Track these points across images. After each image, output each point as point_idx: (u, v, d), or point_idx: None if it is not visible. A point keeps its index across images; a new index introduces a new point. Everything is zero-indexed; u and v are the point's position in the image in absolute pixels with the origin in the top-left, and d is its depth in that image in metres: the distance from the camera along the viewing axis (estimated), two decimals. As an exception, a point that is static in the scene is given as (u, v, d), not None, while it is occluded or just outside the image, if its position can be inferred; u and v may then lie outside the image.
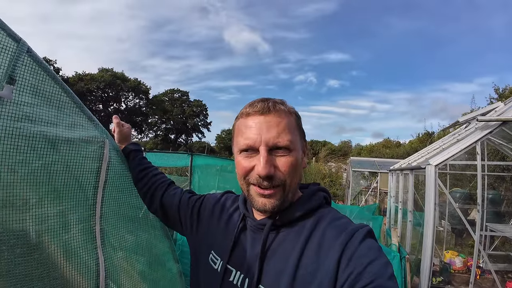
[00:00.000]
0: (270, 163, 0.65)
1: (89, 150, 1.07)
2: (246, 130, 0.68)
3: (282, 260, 0.65)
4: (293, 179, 0.67)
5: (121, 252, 1.23)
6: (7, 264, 0.85)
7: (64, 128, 1.00)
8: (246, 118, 0.69)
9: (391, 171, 6.39)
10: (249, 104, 0.70)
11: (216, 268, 0.75)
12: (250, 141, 0.66)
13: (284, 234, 0.69)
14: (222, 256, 0.75)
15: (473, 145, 3.10)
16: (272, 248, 0.68)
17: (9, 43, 0.82)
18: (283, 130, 0.66)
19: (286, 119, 0.68)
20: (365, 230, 0.63)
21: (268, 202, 0.67)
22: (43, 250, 0.94)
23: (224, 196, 0.90)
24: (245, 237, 0.74)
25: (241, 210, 0.79)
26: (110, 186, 1.15)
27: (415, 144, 15.41)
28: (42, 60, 0.93)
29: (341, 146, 33.34)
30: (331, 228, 0.65)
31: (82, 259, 1.04)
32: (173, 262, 1.52)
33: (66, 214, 1.03)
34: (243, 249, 0.73)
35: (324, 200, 0.74)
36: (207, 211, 0.88)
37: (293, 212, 0.69)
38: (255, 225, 0.73)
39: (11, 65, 0.83)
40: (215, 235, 0.81)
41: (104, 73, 30.87)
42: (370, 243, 0.61)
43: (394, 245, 3.16)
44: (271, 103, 0.68)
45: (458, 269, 4.53)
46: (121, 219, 1.23)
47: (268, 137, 0.65)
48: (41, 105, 0.94)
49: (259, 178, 0.65)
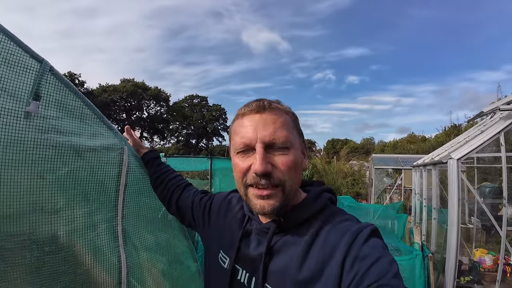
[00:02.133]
0: (267, 160, 0.63)
1: (110, 156, 1.16)
2: (242, 129, 0.66)
3: (286, 260, 0.65)
4: (293, 180, 0.66)
5: (142, 251, 1.31)
6: (36, 261, 0.95)
7: (86, 137, 1.10)
8: (242, 118, 0.68)
9: (415, 167, 6.17)
10: (244, 105, 0.69)
11: (225, 267, 0.76)
12: (246, 139, 0.65)
13: (289, 235, 0.69)
14: (229, 256, 0.76)
15: (496, 136, 2.95)
16: (277, 248, 0.68)
17: (33, 63, 0.93)
18: (280, 127, 0.65)
19: (282, 117, 0.67)
20: (369, 230, 0.62)
21: (267, 204, 0.64)
22: (69, 248, 1.03)
23: (230, 195, 0.91)
24: (251, 237, 0.75)
25: (246, 211, 0.79)
26: (130, 189, 1.24)
27: (441, 138, 14.74)
28: (64, 77, 1.03)
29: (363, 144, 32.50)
30: (336, 229, 0.64)
31: (105, 257, 1.13)
32: (192, 260, 1.59)
33: (91, 216, 1.12)
34: (249, 249, 0.73)
35: (329, 201, 0.73)
36: (215, 211, 0.90)
37: (298, 215, 0.69)
38: (259, 228, 0.73)
39: (36, 83, 0.93)
40: (222, 234, 0.83)
41: (125, 83, 32.24)
42: (374, 242, 0.60)
43: (417, 243, 3.06)
44: (266, 102, 0.67)
45: (488, 268, 4.30)
46: (141, 219, 1.32)
47: (264, 134, 0.63)
48: (65, 117, 1.05)
49: (256, 177, 0.63)
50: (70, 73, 29.04)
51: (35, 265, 0.98)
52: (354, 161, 14.82)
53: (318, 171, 11.25)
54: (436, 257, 4.05)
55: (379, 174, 10.39)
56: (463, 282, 3.94)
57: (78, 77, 29.49)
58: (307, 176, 10.96)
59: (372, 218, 5.98)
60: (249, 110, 0.67)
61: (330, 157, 13.51)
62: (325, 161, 12.25)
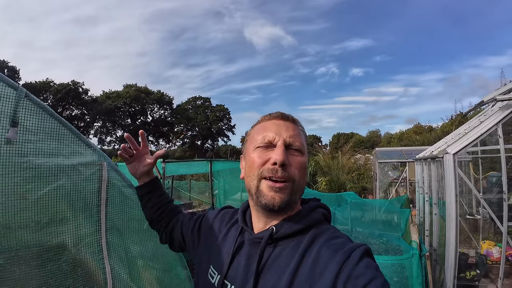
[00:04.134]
0: (286, 154, 0.70)
1: (89, 173, 1.21)
2: (266, 129, 0.74)
3: (276, 275, 0.65)
4: (301, 180, 0.71)
5: (129, 261, 1.36)
6: (25, 275, 1.01)
7: (64, 157, 1.15)
8: (266, 122, 0.77)
9: (417, 161, 6.12)
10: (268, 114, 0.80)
11: (213, 282, 0.76)
12: (270, 137, 0.72)
13: (280, 248, 0.69)
14: (219, 271, 0.76)
15: (494, 127, 2.90)
16: (268, 263, 0.69)
17: (9, 91, 0.98)
18: (298, 135, 0.74)
19: (299, 128, 0.77)
20: (362, 250, 0.62)
21: (277, 197, 0.68)
22: (55, 262, 1.09)
23: (222, 212, 0.92)
24: (242, 252, 0.75)
25: (240, 222, 0.81)
26: (111, 203, 1.29)
27: (448, 128, 14.49)
28: (40, 101, 1.08)
29: (369, 137, 32.19)
30: (327, 247, 0.65)
31: (91, 269, 1.19)
32: (181, 268, 1.63)
33: (75, 230, 1.18)
34: (239, 264, 0.73)
35: (323, 217, 0.74)
36: (207, 228, 0.90)
37: (290, 225, 0.70)
38: (252, 239, 0.74)
39: (13, 110, 0.98)
40: (213, 250, 0.83)
41: (128, 89, 32.61)
42: (367, 262, 0.60)
43: (414, 242, 3.05)
44: (287, 114, 0.78)
45: (496, 260, 4.22)
46: (126, 231, 1.37)
47: (287, 136, 0.72)
48: (43, 140, 1.10)
49: (273, 168, 0.68)
50: (74, 82, 29.51)
51: (23, 278, 1.04)
52: (359, 155, 14.72)
53: (321, 167, 11.22)
54: (438, 251, 4.02)
55: (383, 167, 10.31)
56: (469, 277, 3.88)
57: (81, 85, 29.98)
58: (310, 173, 10.95)
59: (377, 212, 5.96)
60: (275, 116, 0.78)
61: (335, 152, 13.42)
62: (329, 156, 12.18)
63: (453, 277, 2.74)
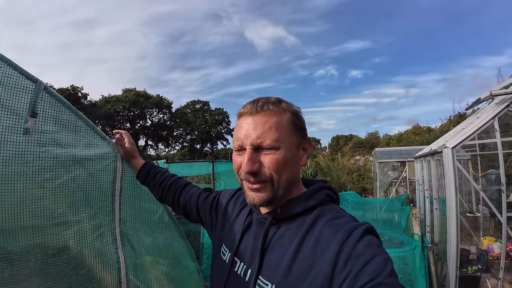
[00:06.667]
0: (254, 161, 0.68)
1: (104, 164, 1.25)
2: (238, 130, 0.73)
3: (280, 253, 0.68)
4: (281, 175, 0.70)
5: (140, 252, 1.39)
6: (41, 264, 1.04)
7: (81, 148, 1.19)
8: (239, 119, 0.75)
9: (416, 159, 6.18)
10: (244, 105, 0.75)
11: (225, 259, 0.81)
12: (239, 141, 0.71)
13: (284, 228, 0.72)
14: (230, 249, 0.81)
15: (490, 122, 2.96)
16: (272, 242, 0.72)
17: (28, 84, 1.02)
18: (269, 129, 0.69)
19: (274, 118, 0.70)
20: (363, 228, 0.63)
21: (257, 196, 0.71)
22: (71, 251, 1.12)
23: (238, 193, 0.96)
24: (251, 231, 0.79)
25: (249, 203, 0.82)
26: (125, 194, 1.33)
27: (446, 128, 14.60)
28: (58, 94, 1.12)
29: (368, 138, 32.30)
30: (330, 226, 0.66)
31: (105, 258, 1.22)
32: (190, 260, 1.66)
33: (89, 220, 1.21)
34: (247, 243, 0.78)
35: (327, 197, 0.75)
36: (222, 208, 0.95)
37: (293, 207, 0.72)
38: (258, 219, 0.78)
39: (32, 101, 1.03)
40: (227, 229, 0.88)
41: (127, 93, 32.60)
42: (368, 240, 0.60)
43: (416, 234, 3.09)
44: (260, 103, 0.71)
45: (496, 255, 4.28)
46: (138, 222, 1.40)
47: (253, 137, 0.69)
48: (61, 131, 1.14)
49: (245, 174, 0.70)
50: (73, 87, 29.52)
51: (39, 268, 1.07)
52: (358, 156, 14.78)
53: (321, 168, 11.26)
54: (440, 247, 4.06)
55: (383, 167, 10.36)
56: (471, 272, 3.92)
57: (80, 89, 29.97)
58: (311, 174, 10.98)
59: (378, 212, 5.99)
60: (245, 112, 0.73)
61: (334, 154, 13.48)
62: (329, 158, 12.24)
63: (455, 268, 2.78)
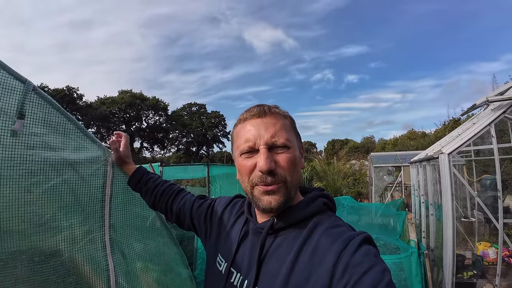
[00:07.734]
0: (271, 159, 0.68)
1: (94, 168, 1.21)
2: (246, 133, 0.71)
3: (277, 264, 0.67)
4: (293, 176, 0.70)
5: (131, 259, 1.35)
6: (27, 271, 0.99)
7: (71, 151, 1.15)
8: (244, 123, 0.73)
9: (412, 164, 6.20)
10: (245, 111, 0.75)
11: (221, 269, 0.79)
12: (251, 142, 0.70)
13: (281, 238, 0.71)
14: (226, 259, 0.79)
15: (487, 128, 2.98)
16: (269, 252, 0.71)
17: (16, 84, 0.98)
18: (280, 130, 0.70)
19: (281, 120, 0.73)
20: (361, 237, 0.62)
21: (273, 199, 0.68)
22: (58, 258, 1.08)
23: (234, 201, 0.94)
24: (247, 241, 0.78)
25: (245, 213, 0.83)
26: (115, 199, 1.29)
27: (441, 133, 14.73)
28: (47, 95, 1.09)
29: (364, 143, 32.45)
30: (327, 235, 0.65)
31: (94, 265, 1.17)
32: (183, 267, 1.62)
33: (78, 226, 1.17)
34: (244, 253, 0.76)
35: (324, 206, 0.75)
36: (217, 216, 0.92)
37: (291, 216, 0.71)
38: (255, 229, 0.76)
39: (20, 102, 0.99)
40: (222, 238, 0.86)
41: (123, 95, 32.40)
42: (365, 250, 0.60)
43: (412, 241, 3.08)
44: (266, 107, 0.73)
45: (492, 261, 4.28)
46: (129, 229, 1.36)
47: (267, 137, 0.69)
48: (50, 133, 1.10)
49: (262, 176, 0.68)
50: (68, 87, 29.24)
51: (26, 275, 1.02)
52: (354, 161, 14.83)
53: (317, 172, 11.26)
54: (436, 253, 4.05)
55: (378, 172, 10.39)
56: (466, 277, 3.92)
57: (76, 90, 29.68)
58: (307, 178, 10.97)
59: (374, 216, 5.98)
60: (251, 115, 0.73)
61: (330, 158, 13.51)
62: (324, 162, 12.25)
63: (452, 274, 2.77)
